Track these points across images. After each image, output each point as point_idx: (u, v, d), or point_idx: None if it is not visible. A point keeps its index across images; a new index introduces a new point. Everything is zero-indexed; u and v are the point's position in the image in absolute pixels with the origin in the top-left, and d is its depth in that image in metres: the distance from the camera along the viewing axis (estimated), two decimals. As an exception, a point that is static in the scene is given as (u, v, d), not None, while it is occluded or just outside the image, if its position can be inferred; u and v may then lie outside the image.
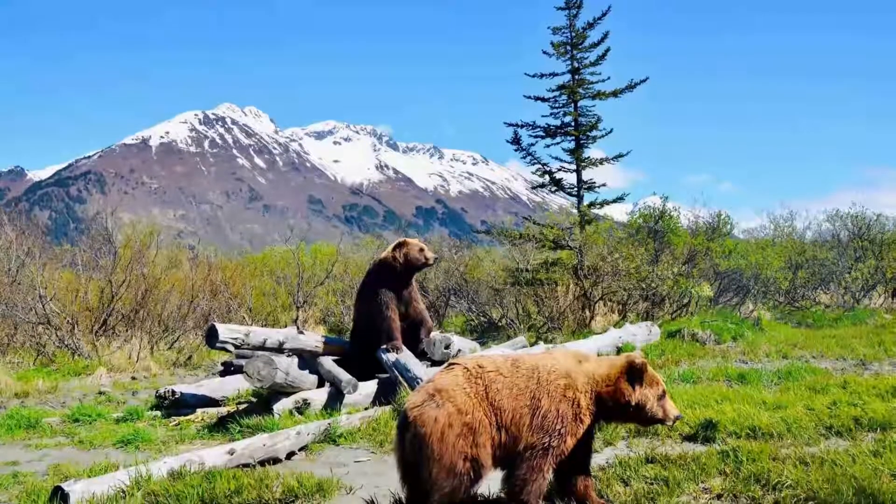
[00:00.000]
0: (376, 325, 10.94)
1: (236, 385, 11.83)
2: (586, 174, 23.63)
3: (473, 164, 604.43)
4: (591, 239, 20.74)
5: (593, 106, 23.66)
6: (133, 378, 15.26)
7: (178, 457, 7.23)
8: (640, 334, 15.85)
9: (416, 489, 5.37)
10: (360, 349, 11.24)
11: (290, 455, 8.09)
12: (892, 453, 6.47)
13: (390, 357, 10.57)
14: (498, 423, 5.43)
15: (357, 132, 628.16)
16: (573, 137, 23.43)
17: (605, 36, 23.29)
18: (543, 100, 23.78)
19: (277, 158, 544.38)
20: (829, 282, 26.18)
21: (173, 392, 11.43)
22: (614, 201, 23.99)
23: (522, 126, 23.88)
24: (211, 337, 10.00)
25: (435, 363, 11.14)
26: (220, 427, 9.69)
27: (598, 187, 23.83)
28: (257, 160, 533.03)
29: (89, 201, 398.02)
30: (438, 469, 5.20)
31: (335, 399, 10.27)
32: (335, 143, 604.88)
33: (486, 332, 20.14)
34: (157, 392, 11.77)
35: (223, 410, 10.81)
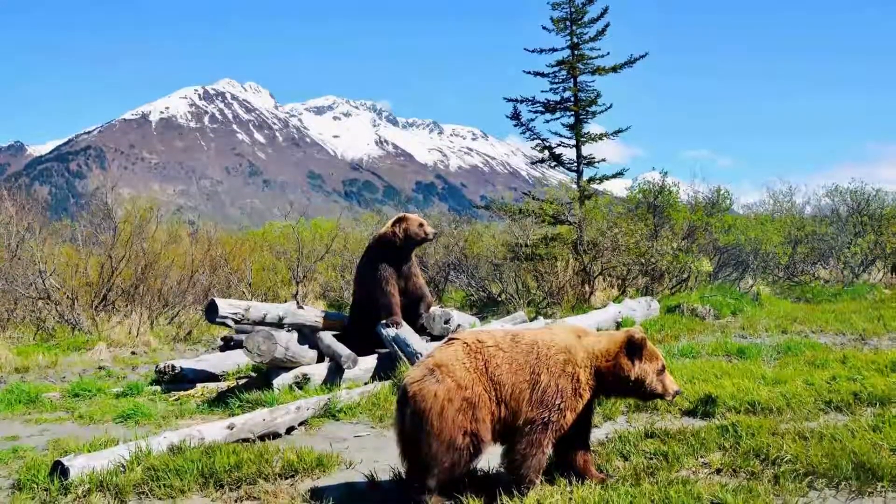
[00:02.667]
0: (376, 301, 10.95)
1: (236, 360, 11.83)
2: (586, 149, 23.63)
3: (473, 139, 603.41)
4: (590, 214, 20.74)
5: (593, 81, 23.66)
6: (133, 353, 15.28)
7: (177, 431, 7.23)
8: (640, 309, 15.85)
9: (415, 464, 5.38)
10: (359, 324, 11.24)
11: (289, 430, 8.10)
12: (891, 428, 6.48)
13: (390, 332, 10.58)
14: (497, 398, 5.43)
15: (357, 107, 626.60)
16: (573, 113, 23.40)
17: (605, 11, 23.22)
18: (543, 75, 23.73)
19: (277, 134, 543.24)
20: (828, 257, 26.18)
21: (173, 367, 11.43)
22: (614, 176, 24.00)
23: (522, 101, 23.85)
24: (211, 312, 10.01)
25: (434, 338, 11.15)
26: (220, 402, 9.71)
27: (598, 162, 23.85)
28: (257, 135, 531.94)
29: (89, 176, 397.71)
30: (438, 444, 5.21)
31: (335, 374, 10.27)
32: (335, 118, 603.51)
33: (486, 307, 20.14)
34: (156, 367, 11.76)
35: (223, 385, 10.83)
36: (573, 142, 23.62)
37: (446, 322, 11.37)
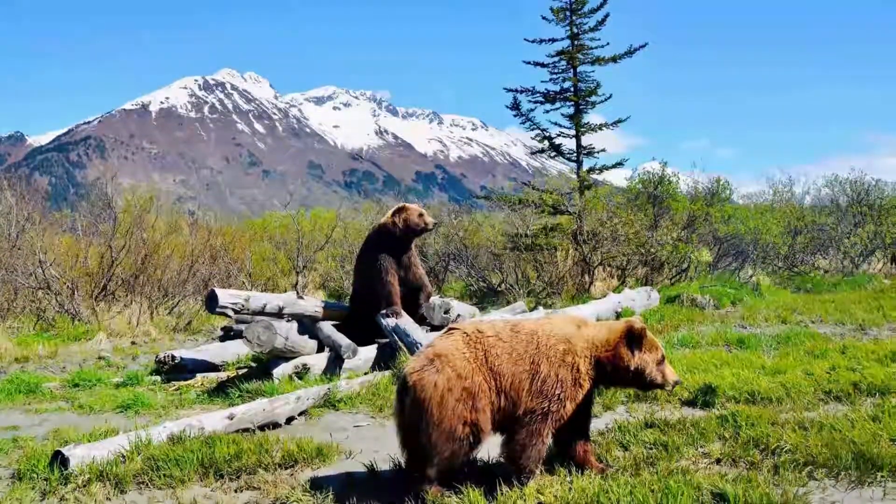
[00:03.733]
0: (376, 291, 10.93)
1: (236, 350, 11.83)
2: (585, 140, 23.61)
3: (473, 129, 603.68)
4: (590, 204, 20.73)
5: (592, 71, 23.63)
6: (133, 343, 15.28)
7: (177, 422, 7.23)
8: (640, 299, 15.84)
9: (415, 454, 5.37)
10: (359, 314, 11.24)
11: (289, 420, 8.10)
12: (890, 418, 6.47)
13: (390, 322, 10.58)
14: (497, 388, 5.42)
15: (356, 97, 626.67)
16: (572, 103, 23.37)
17: (605, 1, 23.18)
18: (543, 65, 23.70)
19: (277, 124, 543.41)
20: (828, 247, 26.18)
21: (173, 357, 11.44)
22: (613, 167, 23.99)
23: (522, 91, 23.82)
24: (211, 302, 10.00)
25: (434, 328, 11.13)
26: (220, 392, 9.70)
27: (598, 153, 23.82)
28: (257, 125, 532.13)
29: (89, 167, 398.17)
30: (438, 434, 5.20)
31: (335, 364, 10.27)
32: (335, 108, 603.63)
33: (486, 297, 20.14)
34: (156, 357, 11.77)
35: (223, 375, 10.83)
36: (573, 132, 23.60)
37: (446, 312, 11.36)
